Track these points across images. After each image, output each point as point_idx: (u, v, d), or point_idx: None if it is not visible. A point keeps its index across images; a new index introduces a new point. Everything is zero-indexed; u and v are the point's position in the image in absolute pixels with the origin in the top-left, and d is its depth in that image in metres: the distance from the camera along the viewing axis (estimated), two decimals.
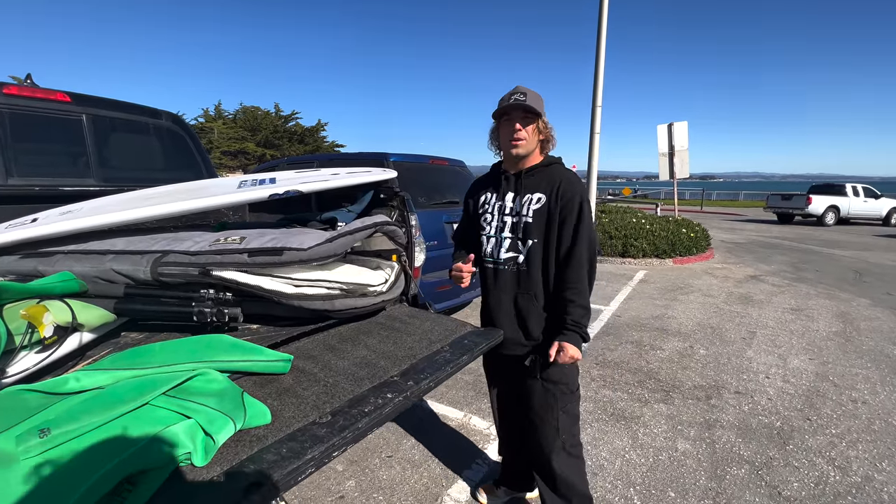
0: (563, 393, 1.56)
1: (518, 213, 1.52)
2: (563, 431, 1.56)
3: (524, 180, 1.53)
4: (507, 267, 1.56)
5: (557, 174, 1.51)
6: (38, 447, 0.73)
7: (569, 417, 1.59)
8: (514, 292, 1.56)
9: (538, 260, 1.51)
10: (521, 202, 1.52)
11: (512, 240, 1.54)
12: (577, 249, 1.46)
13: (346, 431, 0.90)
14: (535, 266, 1.52)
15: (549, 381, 1.55)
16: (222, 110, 23.79)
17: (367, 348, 1.32)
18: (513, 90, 1.48)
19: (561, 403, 1.56)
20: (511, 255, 1.55)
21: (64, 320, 1.09)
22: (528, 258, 1.52)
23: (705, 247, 8.34)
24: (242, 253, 1.28)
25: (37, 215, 1.53)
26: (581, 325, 1.46)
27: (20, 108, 2.05)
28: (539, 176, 1.53)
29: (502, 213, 1.56)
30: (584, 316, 1.46)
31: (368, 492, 1.99)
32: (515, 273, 1.55)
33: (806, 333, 4.13)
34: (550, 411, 1.56)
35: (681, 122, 10.40)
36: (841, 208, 14.42)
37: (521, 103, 1.42)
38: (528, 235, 1.50)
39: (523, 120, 1.46)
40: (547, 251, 1.50)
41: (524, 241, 1.51)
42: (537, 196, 1.50)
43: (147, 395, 0.86)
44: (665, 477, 2.10)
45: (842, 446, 2.35)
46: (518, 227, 1.52)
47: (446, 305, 3.82)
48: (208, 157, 2.90)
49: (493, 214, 1.59)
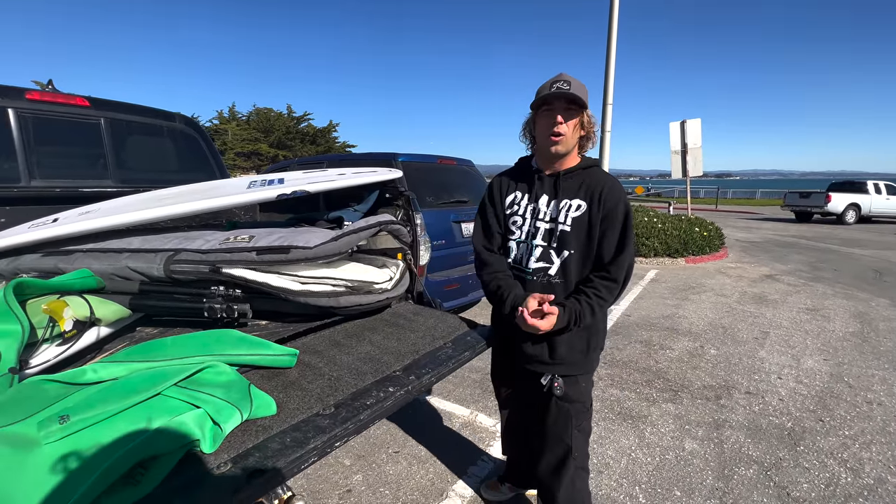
0: (578, 411, 1.46)
1: (554, 220, 1.37)
2: (575, 450, 1.47)
3: (562, 183, 1.38)
4: (537, 278, 1.40)
5: (599, 178, 1.37)
6: (58, 433, 0.78)
7: (582, 435, 1.50)
8: None
9: (574, 273, 1.37)
10: (557, 208, 1.37)
11: (544, 249, 1.39)
12: (619, 259, 1.33)
13: (348, 423, 0.93)
14: (569, 279, 1.38)
15: (566, 399, 1.44)
16: (236, 112, 24.20)
17: (371, 344, 1.36)
18: (555, 77, 1.32)
19: (576, 422, 1.46)
20: (541, 266, 1.39)
21: (83, 315, 1.14)
22: (563, 270, 1.38)
23: (719, 246, 8.21)
24: (251, 251, 1.32)
25: (57, 215, 1.60)
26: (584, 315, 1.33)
27: (42, 112, 2.13)
28: (577, 179, 1.38)
29: (535, 217, 1.41)
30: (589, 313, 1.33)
31: (375, 486, 2.03)
32: (546, 286, 1.39)
33: (821, 334, 4.05)
34: (565, 430, 1.46)
35: (694, 119, 10.24)
36: (862, 206, 14.03)
37: (565, 92, 1.27)
38: (565, 245, 1.36)
39: (566, 112, 1.30)
40: (584, 264, 1.37)
41: (559, 251, 1.37)
42: (577, 202, 1.36)
43: (159, 385, 0.90)
44: (671, 476, 2.09)
45: (855, 448, 2.31)
46: (553, 235, 1.37)
47: (454, 304, 3.84)
48: (220, 158, 2.98)
49: (523, 218, 1.43)
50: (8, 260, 1.44)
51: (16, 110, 2.05)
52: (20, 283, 1.09)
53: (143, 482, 0.74)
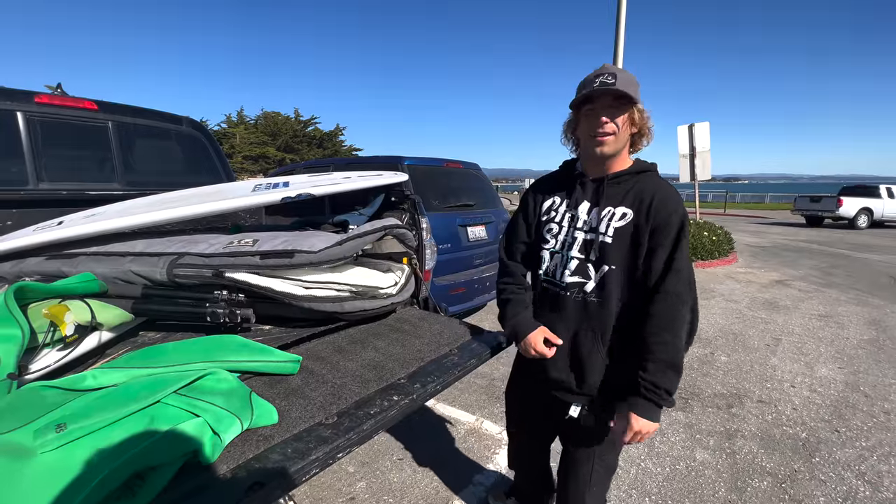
0: (604, 445, 1.31)
1: (594, 230, 1.20)
2: (594, 483, 1.33)
3: (606, 189, 1.21)
4: (571, 294, 1.23)
5: (651, 185, 1.18)
6: (54, 441, 0.76)
7: (604, 469, 1.34)
8: (574, 327, 1.24)
9: (615, 292, 1.19)
10: (598, 216, 1.20)
11: (581, 262, 1.22)
12: (670, 284, 1.12)
13: (351, 433, 0.91)
14: (609, 299, 1.19)
15: (592, 432, 1.30)
16: (244, 116, 24.41)
17: (375, 350, 1.33)
18: (598, 70, 1.16)
19: (599, 455, 1.31)
20: (577, 281, 1.22)
21: (84, 319, 1.13)
22: (602, 288, 1.20)
23: (728, 250, 8.11)
24: (254, 255, 1.31)
25: (62, 218, 1.60)
26: (660, 389, 1.11)
27: (50, 116, 2.14)
28: (626, 185, 1.20)
29: (573, 225, 1.24)
30: (669, 378, 1.12)
31: (379, 494, 2.00)
32: (581, 303, 1.22)
33: (835, 341, 3.96)
34: (585, 462, 1.33)
35: (702, 122, 10.16)
36: (874, 210, 13.80)
37: (611, 87, 1.10)
38: (605, 259, 1.18)
39: (612, 109, 1.13)
40: (627, 282, 1.18)
41: (598, 265, 1.19)
42: (622, 211, 1.17)
43: (159, 393, 0.88)
44: (682, 487, 2.04)
45: (872, 460, 2.24)
46: (591, 246, 1.20)
47: (460, 309, 3.81)
48: (227, 161, 2.98)
49: (560, 225, 1.27)
50: (12, 263, 1.44)
51: (24, 113, 2.06)
52: (21, 287, 1.08)
53: (140, 494, 0.72)
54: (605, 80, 1.11)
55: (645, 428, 1.14)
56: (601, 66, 1.17)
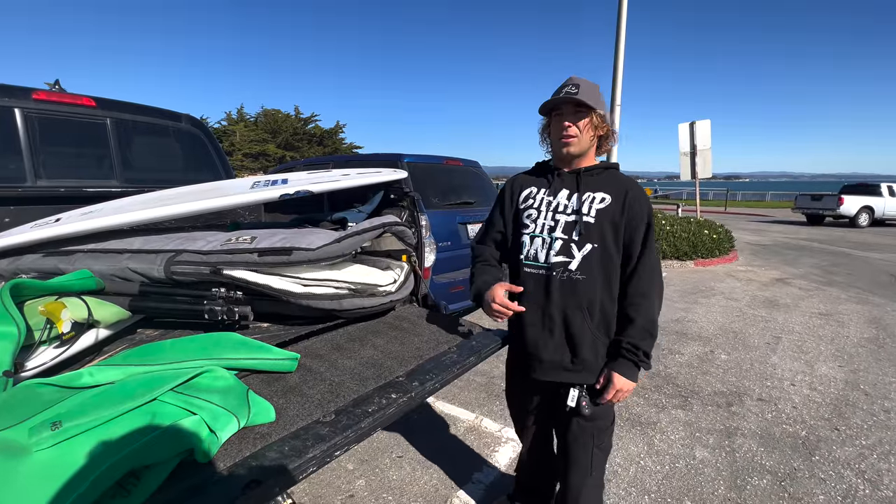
0: (600, 429, 1.40)
1: (577, 212, 1.32)
2: (594, 468, 1.43)
3: (584, 178, 1.36)
4: (557, 274, 1.32)
5: (624, 180, 1.37)
6: (49, 439, 0.75)
7: (602, 453, 1.45)
8: (563, 305, 1.33)
9: (596, 269, 1.31)
10: (579, 200, 1.33)
11: (565, 242, 1.32)
12: (646, 257, 1.30)
13: (348, 431, 0.90)
14: (591, 275, 1.31)
15: (590, 417, 1.37)
16: (244, 113, 24.35)
17: (374, 348, 1.33)
18: (565, 82, 1.34)
19: (597, 441, 1.40)
20: (561, 260, 1.32)
21: (81, 317, 1.12)
22: (584, 266, 1.31)
23: (728, 249, 8.09)
24: (252, 252, 1.30)
25: (60, 215, 1.59)
26: (639, 350, 1.27)
27: (48, 112, 2.13)
28: (599, 177, 1.37)
29: (555, 210, 1.36)
30: (644, 339, 1.28)
31: (378, 491, 2.00)
32: (567, 282, 1.32)
33: (835, 339, 3.95)
34: (584, 449, 1.41)
35: (703, 120, 10.13)
36: (875, 209, 13.77)
37: (572, 97, 1.27)
38: (588, 238, 1.30)
39: (575, 115, 1.31)
40: (607, 259, 1.31)
41: (581, 244, 1.31)
42: (601, 195, 1.32)
43: (155, 390, 0.87)
44: (682, 485, 2.04)
45: (872, 458, 2.24)
46: (574, 227, 1.32)
47: (459, 307, 3.80)
48: (226, 158, 2.97)
49: (539, 210, 1.38)
50: (9, 260, 1.44)
51: (22, 110, 2.05)
52: (17, 285, 1.08)
53: (135, 493, 0.71)
54: (569, 91, 1.30)
55: (626, 386, 1.29)
56: (568, 77, 1.35)
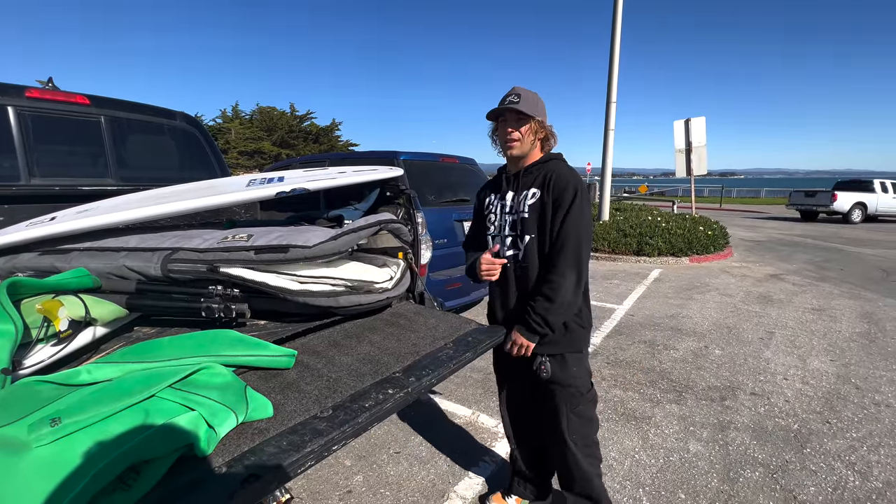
0: (571, 395, 1.56)
1: (517, 211, 1.55)
2: (572, 433, 1.57)
3: (522, 178, 1.56)
4: (510, 265, 1.57)
5: (552, 168, 1.52)
6: (49, 435, 0.76)
7: (580, 419, 1.59)
8: (516, 290, 1.57)
9: (534, 256, 1.52)
10: (518, 199, 1.55)
11: (513, 238, 1.57)
12: (560, 239, 1.45)
13: (345, 426, 0.91)
14: (532, 263, 1.53)
15: (557, 383, 1.56)
16: (239, 111, 24.20)
17: (370, 344, 1.33)
18: (509, 91, 1.51)
19: (570, 406, 1.56)
20: (512, 253, 1.57)
21: (78, 315, 1.13)
22: (528, 255, 1.53)
23: (723, 245, 8.15)
24: (249, 250, 1.30)
25: (55, 214, 1.58)
26: (534, 315, 1.46)
27: (42, 110, 2.12)
28: (535, 173, 1.55)
29: (503, 211, 1.59)
30: (547, 310, 1.45)
31: (376, 487, 2.01)
32: (519, 270, 1.56)
33: (828, 334, 4.00)
34: (558, 413, 1.57)
35: (698, 117, 10.17)
36: (868, 205, 13.90)
37: (512, 107, 1.46)
38: (526, 231, 1.52)
39: (516, 122, 1.49)
40: (542, 246, 1.51)
41: (521, 237, 1.53)
42: (532, 191, 1.52)
43: (154, 387, 0.88)
44: (675, 478, 2.07)
45: (862, 451, 2.28)
46: (517, 224, 1.55)
47: (456, 304, 3.82)
48: (222, 156, 2.96)
49: (495, 214, 1.62)
50: (5, 259, 1.43)
51: (15, 108, 2.04)
52: (14, 283, 1.08)
53: (135, 487, 0.72)
54: (512, 100, 1.47)
55: (524, 342, 1.51)
56: (511, 88, 1.52)
